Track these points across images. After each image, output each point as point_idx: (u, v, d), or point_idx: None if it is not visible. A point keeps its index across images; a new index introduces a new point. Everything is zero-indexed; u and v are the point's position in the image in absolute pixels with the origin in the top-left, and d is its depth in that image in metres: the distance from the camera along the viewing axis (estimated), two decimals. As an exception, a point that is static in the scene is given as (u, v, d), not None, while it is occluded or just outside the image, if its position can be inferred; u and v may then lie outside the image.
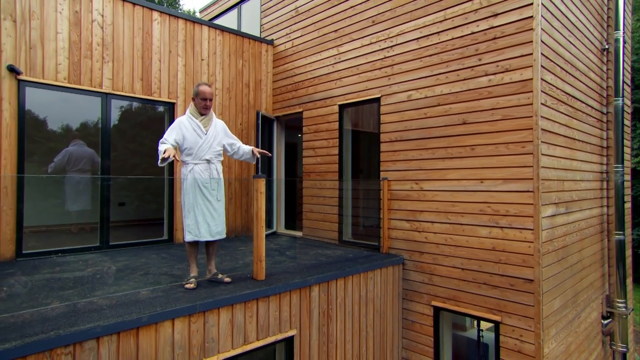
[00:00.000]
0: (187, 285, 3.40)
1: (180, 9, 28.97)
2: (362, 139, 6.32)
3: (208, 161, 3.60)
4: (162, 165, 3.33)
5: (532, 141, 4.07)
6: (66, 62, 4.86)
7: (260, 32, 7.70)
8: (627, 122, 7.21)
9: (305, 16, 6.76)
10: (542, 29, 4.08)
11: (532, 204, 4.05)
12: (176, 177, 5.88)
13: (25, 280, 3.71)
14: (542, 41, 4.08)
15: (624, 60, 5.73)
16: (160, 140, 3.45)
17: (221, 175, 3.72)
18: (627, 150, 6.99)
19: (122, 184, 6.40)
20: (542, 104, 4.08)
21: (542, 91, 4.08)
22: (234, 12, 8.75)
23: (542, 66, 4.09)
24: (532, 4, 4.07)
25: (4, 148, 4.45)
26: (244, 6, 8.45)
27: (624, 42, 5.76)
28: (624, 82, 5.80)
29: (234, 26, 8.65)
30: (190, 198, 3.55)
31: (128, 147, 7.59)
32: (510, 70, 4.24)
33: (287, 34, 7.12)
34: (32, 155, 4.77)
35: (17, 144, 4.54)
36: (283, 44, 7.19)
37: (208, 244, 3.67)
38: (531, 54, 4.08)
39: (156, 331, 2.81)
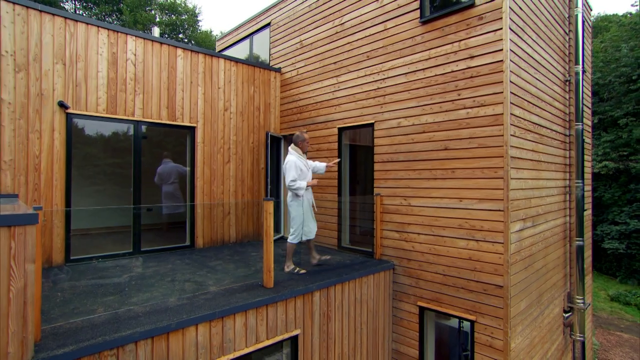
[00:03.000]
0: (303, 271, 4.50)
1: (199, 29, 29.10)
2: (359, 156, 6.45)
3: (308, 185, 4.61)
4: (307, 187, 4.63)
5: (503, 167, 4.20)
6: (105, 96, 5.01)
7: (269, 60, 7.82)
8: (588, 140, 7.34)
9: (308, 48, 6.88)
10: (511, 71, 4.21)
11: (503, 221, 4.18)
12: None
13: (70, 284, 3.88)
14: (511, 81, 4.21)
15: (583, 86, 5.84)
16: (292, 179, 4.44)
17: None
18: (587, 164, 7.12)
19: (150, 191, 6.56)
20: (511, 135, 4.21)
21: (511, 124, 4.21)
22: (247, 42, 8.88)
23: (511, 102, 4.21)
24: (502, 49, 4.20)
25: (54, 171, 4.61)
26: (255, 37, 8.57)
27: (584, 71, 5.87)
28: (584, 105, 5.92)
29: (247, 53, 8.79)
30: (302, 213, 4.56)
31: (153, 152, 7.72)
32: (484, 105, 4.36)
33: (292, 63, 7.24)
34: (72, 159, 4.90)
35: (65, 167, 4.69)
36: (289, 72, 7.31)
37: (309, 240, 4.83)
38: (502, 92, 4.20)
39: (183, 335, 2.96)
